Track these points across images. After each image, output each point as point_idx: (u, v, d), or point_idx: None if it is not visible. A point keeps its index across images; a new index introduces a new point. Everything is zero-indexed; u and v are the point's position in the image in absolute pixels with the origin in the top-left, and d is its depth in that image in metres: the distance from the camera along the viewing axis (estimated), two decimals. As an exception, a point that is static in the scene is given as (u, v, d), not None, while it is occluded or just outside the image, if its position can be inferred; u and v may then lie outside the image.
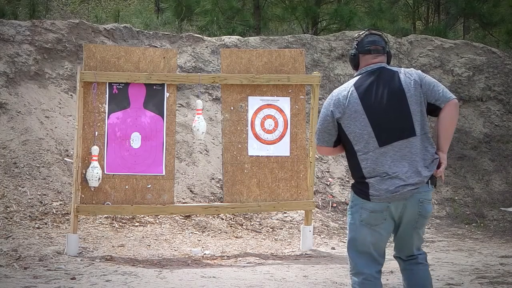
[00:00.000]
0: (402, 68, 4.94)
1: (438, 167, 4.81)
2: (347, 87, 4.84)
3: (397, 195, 4.72)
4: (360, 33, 4.99)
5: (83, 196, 8.11)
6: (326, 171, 11.12)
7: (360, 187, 4.79)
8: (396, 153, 4.73)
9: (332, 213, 10.48)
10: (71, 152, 9.59)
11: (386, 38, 4.97)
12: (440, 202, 11.11)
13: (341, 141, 4.88)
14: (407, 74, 4.84)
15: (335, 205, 10.64)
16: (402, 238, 4.90)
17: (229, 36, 12.24)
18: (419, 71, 4.93)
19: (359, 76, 4.87)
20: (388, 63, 4.95)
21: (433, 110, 4.81)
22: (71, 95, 10.53)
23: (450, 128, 4.83)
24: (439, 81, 4.98)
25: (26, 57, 10.62)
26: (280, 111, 8.66)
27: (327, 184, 10.93)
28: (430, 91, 4.80)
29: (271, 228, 9.69)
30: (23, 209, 8.88)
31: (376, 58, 4.89)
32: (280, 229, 9.68)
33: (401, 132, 4.74)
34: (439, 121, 4.82)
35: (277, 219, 9.93)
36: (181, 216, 9.43)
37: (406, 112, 4.74)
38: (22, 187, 9.21)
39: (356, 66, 4.94)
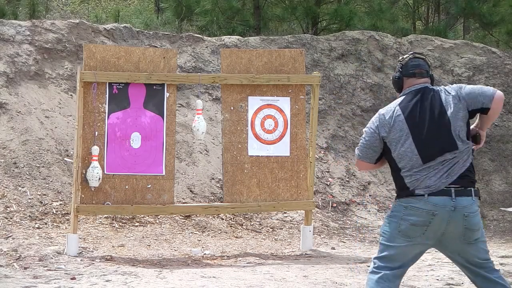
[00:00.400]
0: (443, 86, 5.05)
1: (479, 142, 5.06)
2: (392, 107, 4.98)
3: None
4: (404, 56, 5.12)
5: (83, 196, 8.11)
6: (326, 171, 11.12)
7: (407, 192, 4.87)
8: (436, 168, 4.84)
9: (332, 213, 10.48)
10: (71, 152, 9.60)
11: (429, 62, 5.12)
12: (440, 202, 11.10)
13: (383, 158, 5.02)
14: (447, 92, 4.97)
15: (335, 205, 10.64)
16: (454, 251, 4.93)
17: (229, 36, 12.24)
18: (459, 84, 5.05)
19: (404, 97, 5.00)
20: (431, 85, 5.08)
21: (483, 111, 4.95)
22: (71, 95, 10.53)
23: (494, 116, 5.01)
24: (439, 81, 5.03)
25: (26, 57, 10.62)
26: (280, 111, 8.66)
27: (327, 184, 10.94)
28: (472, 100, 4.93)
29: (271, 228, 9.69)
30: (23, 209, 8.88)
31: (419, 80, 5.02)
32: (280, 229, 9.68)
33: (443, 148, 4.86)
34: (486, 115, 4.97)
35: (277, 219, 9.93)
36: (181, 216, 9.44)
37: (448, 129, 4.87)
38: (22, 187, 9.21)
39: (400, 89, 5.07)
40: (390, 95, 12.28)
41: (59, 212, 9.02)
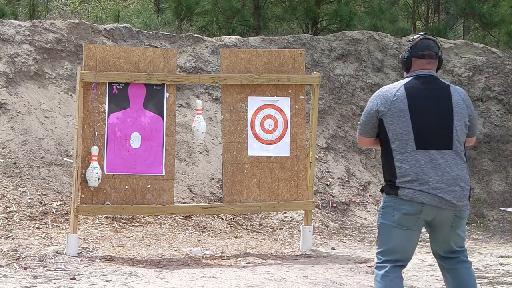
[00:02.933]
0: (451, 84, 5.05)
1: None
2: (397, 86, 4.94)
3: (427, 197, 4.80)
4: (415, 37, 5.07)
5: (83, 196, 8.10)
6: (326, 171, 11.12)
7: (392, 187, 4.87)
8: (432, 160, 4.82)
9: (332, 213, 10.48)
10: (71, 152, 9.60)
11: (439, 44, 5.07)
12: (440, 202, 11.10)
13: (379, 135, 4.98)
14: (458, 91, 4.97)
15: (335, 205, 10.64)
16: (439, 237, 4.97)
17: (229, 36, 12.24)
18: (465, 92, 5.07)
19: (411, 78, 4.97)
20: (439, 68, 5.06)
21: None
22: (71, 95, 10.53)
23: None
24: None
25: (26, 57, 10.62)
26: (280, 111, 8.66)
27: (327, 184, 10.93)
28: (469, 117, 4.95)
29: (271, 228, 9.69)
30: (23, 209, 8.88)
31: (429, 64, 4.99)
32: (280, 229, 9.68)
33: (440, 141, 4.84)
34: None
35: (277, 219, 9.93)
36: (181, 216, 9.44)
37: (450, 125, 4.86)
38: (22, 187, 9.21)
39: (407, 69, 5.04)
40: (390, 95, 12.27)
41: (59, 212, 9.02)
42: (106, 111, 8.19)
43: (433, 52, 4.98)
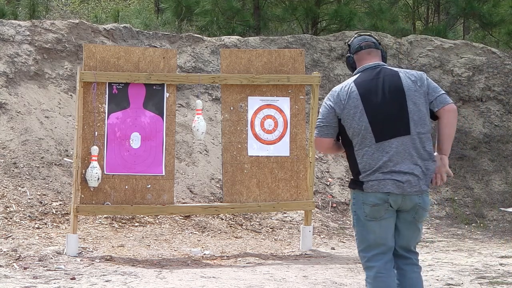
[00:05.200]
0: (402, 69, 5.03)
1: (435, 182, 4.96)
2: (347, 84, 4.95)
3: (391, 186, 4.82)
4: (351, 38, 5.14)
5: (82, 196, 8.10)
6: (326, 171, 11.12)
7: (357, 182, 4.89)
8: (391, 149, 4.83)
9: (332, 213, 10.48)
10: (71, 152, 9.60)
11: (376, 37, 5.10)
12: (440, 202, 11.11)
13: (339, 137, 4.98)
14: (408, 74, 4.94)
15: (334, 205, 10.64)
16: (402, 229, 4.96)
17: (228, 36, 12.24)
18: (422, 72, 5.03)
19: (359, 74, 4.98)
20: (384, 61, 5.05)
21: (431, 113, 4.91)
22: (71, 95, 10.53)
23: (450, 132, 4.93)
24: (438, 81, 5.04)
25: (26, 57, 10.62)
26: (280, 111, 8.66)
27: (326, 184, 10.93)
28: (429, 94, 4.90)
29: (270, 228, 9.69)
30: (23, 209, 8.88)
31: (370, 55, 5.00)
32: (280, 229, 9.68)
33: (397, 129, 4.84)
34: (438, 126, 4.94)
35: (276, 219, 9.93)
36: (181, 216, 9.44)
37: (404, 111, 4.85)
38: (22, 187, 9.21)
39: (353, 68, 5.06)
40: (390, 95, 12.27)
41: (58, 212, 9.02)
42: (106, 111, 8.19)
43: (370, 42, 5.01)
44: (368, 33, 5.12)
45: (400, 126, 4.83)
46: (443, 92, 4.96)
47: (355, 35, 5.12)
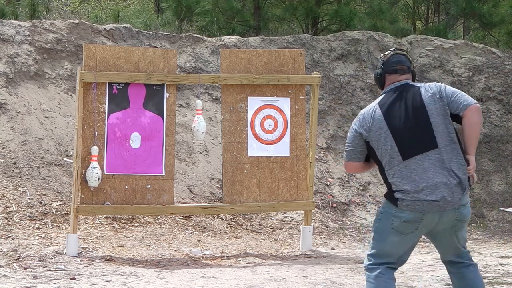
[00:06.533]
0: (424, 83, 5.06)
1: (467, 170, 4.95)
2: (372, 106, 5.01)
3: (426, 207, 4.82)
4: (386, 53, 5.13)
5: (82, 196, 8.10)
6: (326, 171, 11.12)
7: (391, 197, 4.92)
8: (419, 166, 4.85)
9: (332, 214, 10.48)
10: (71, 152, 9.60)
11: (410, 58, 5.13)
12: (440, 203, 11.10)
13: (371, 159, 5.05)
14: (427, 88, 4.97)
15: (334, 205, 10.64)
16: (444, 243, 5.00)
17: (229, 36, 12.24)
18: (440, 83, 5.06)
19: (384, 95, 5.03)
20: (413, 81, 5.09)
21: (457, 118, 4.94)
22: (71, 95, 10.53)
23: (473, 132, 4.93)
24: (439, 82, 5.05)
25: (26, 57, 10.62)
26: (280, 111, 8.66)
27: (326, 185, 10.93)
28: (450, 102, 4.93)
29: (270, 228, 9.69)
30: (23, 209, 8.88)
31: (401, 76, 5.04)
32: (279, 229, 9.68)
33: (423, 145, 4.86)
34: (462, 127, 4.94)
35: (276, 220, 9.93)
36: (181, 216, 9.44)
37: (427, 126, 4.87)
38: (22, 187, 9.21)
39: (382, 86, 5.09)
40: (390, 95, 12.27)
41: (58, 212, 9.02)
42: (106, 111, 8.19)
43: (405, 66, 5.04)
44: (405, 53, 5.12)
45: (426, 141, 4.85)
46: (463, 94, 4.98)
47: (392, 52, 5.10)
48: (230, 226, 9.55)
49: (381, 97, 5.01)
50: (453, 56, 12.75)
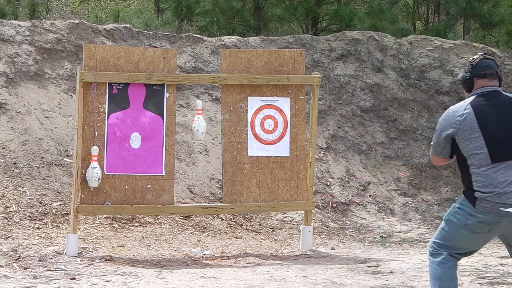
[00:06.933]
0: None
1: None
2: (463, 105, 5.07)
3: (506, 211, 4.90)
4: (475, 57, 5.25)
5: (82, 196, 8.11)
6: (326, 172, 11.12)
7: (471, 195, 4.99)
8: (507, 171, 4.93)
9: (332, 214, 10.48)
10: (71, 152, 9.60)
11: (497, 62, 5.26)
12: (440, 203, 11.11)
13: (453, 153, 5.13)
14: None
15: (334, 205, 10.64)
16: None
17: (229, 37, 12.24)
18: None
19: (475, 97, 5.09)
20: (499, 86, 5.19)
21: None
22: (71, 95, 10.53)
23: None
24: (439, 81, 5.09)
25: (26, 57, 10.62)
26: (280, 111, 8.66)
27: (327, 185, 10.93)
28: None
29: (270, 228, 9.69)
30: (23, 209, 8.88)
31: (491, 82, 5.15)
32: (280, 229, 9.68)
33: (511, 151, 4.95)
34: None
35: (276, 220, 9.93)
36: (181, 216, 9.44)
37: None
38: (22, 187, 9.21)
39: (469, 89, 5.18)
40: (390, 95, 12.28)
41: (58, 212, 9.02)
42: (106, 111, 8.19)
43: (494, 71, 5.16)
44: (493, 58, 5.24)
45: None
46: None
47: (481, 57, 5.21)
48: (230, 226, 9.55)
49: (472, 98, 5.08)
50: (453, 56, 12.75)
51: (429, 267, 5.15)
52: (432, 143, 5.19)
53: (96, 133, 8.14)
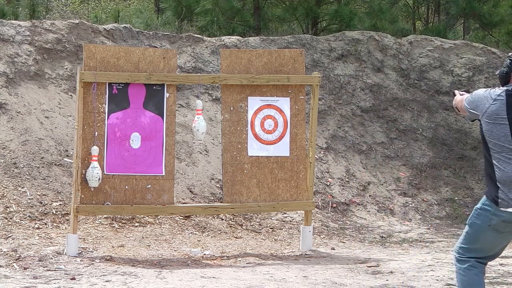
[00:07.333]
0: None
1: None
2: (498, 90, 5.07)
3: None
4: None
5: (83, 196, 8.11)
6: (326, 172, 11.12)
7: (492, 192, 4.97)
8: None
9: (332, 214, 10.48)
10: (71, 152, 9.60)
11: None
12: (440, 203, 11.11)
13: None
14: None
15: (334, 205, 10.64)
16: None
17: (229, 37, 12.24)
18: None
19: (510, 87, 5.08)
20: None
21: None
22: (71, 95, 10.53)
23: None
24: (439, 81, 5.09)
25: (26, 57, 10.62)
26: (280, 111, 8.66)
27: (326, 185, 10.93)
28: None
29: (270, 228, 9.69)
30: (23, 209, 8.88)
31: None
32: (280, 229, 9.68)
33: None
34: None
35: (276, 220, 9.93)
36: (181, 216, 9.44)
37: None
38: (22, 187, 9.21)
39: (505, 84, 5.17)
40: (390, 95, 12.28)
41: (59, 212, 9.02)
42: (106, 111, 8.20)
43: None
44: None
45: None
46: None
47: None
48: (230, 226, 9.55)
49: (509, 87, 5.05)
50: (453, 56, 12.75)
51: (455, 273, 5.12)
52: (465, 104, 5.13)
53: (96, 133, 8.14)
